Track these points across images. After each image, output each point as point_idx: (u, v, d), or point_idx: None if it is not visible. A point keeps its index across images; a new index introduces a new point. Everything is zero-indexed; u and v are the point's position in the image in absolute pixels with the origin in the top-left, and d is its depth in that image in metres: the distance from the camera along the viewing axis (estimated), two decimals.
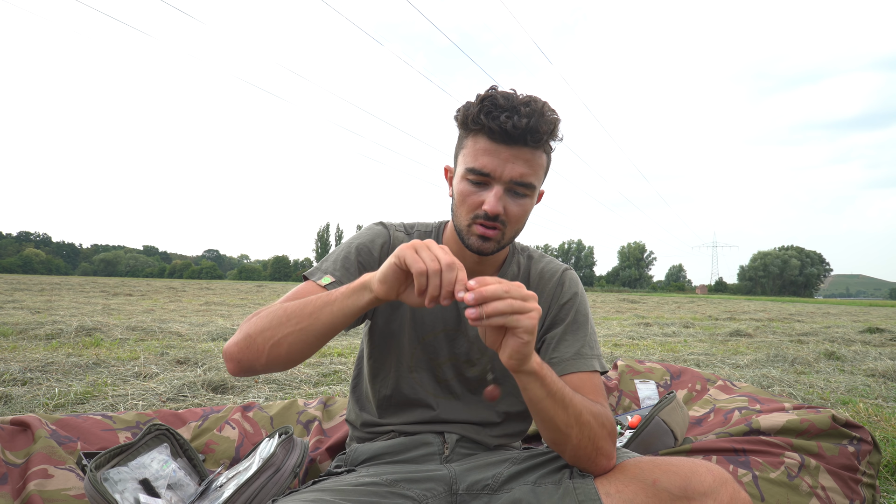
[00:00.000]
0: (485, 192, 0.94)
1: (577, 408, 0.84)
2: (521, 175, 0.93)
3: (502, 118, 0.89)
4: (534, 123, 0.89)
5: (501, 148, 0.91)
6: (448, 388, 1.10)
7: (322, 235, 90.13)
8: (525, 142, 0.91)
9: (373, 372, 1.13)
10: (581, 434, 0.85)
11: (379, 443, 1.08)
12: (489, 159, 0.92)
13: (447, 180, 1.07)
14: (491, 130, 0.90)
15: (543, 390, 0.81)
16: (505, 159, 0.92)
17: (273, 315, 0.87)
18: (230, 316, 7.44)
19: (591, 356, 1.01)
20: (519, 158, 0.92)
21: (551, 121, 0.92)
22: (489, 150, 0.92)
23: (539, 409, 0.84)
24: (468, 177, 0.95)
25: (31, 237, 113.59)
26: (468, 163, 0.94)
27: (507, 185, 0.93)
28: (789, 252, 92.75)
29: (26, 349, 3.82)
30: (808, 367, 4.02)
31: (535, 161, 0.94)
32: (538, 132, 0.90)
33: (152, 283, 28.23)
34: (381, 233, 1.10)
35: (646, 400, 1.94)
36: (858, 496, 1.28)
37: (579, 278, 1.15)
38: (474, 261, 1.06)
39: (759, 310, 14.54)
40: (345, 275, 1.00)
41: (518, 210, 0.96)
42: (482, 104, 0.91)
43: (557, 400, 0.83)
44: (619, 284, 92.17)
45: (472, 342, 1.09)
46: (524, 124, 0.88)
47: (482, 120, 0.90)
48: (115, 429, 1.34)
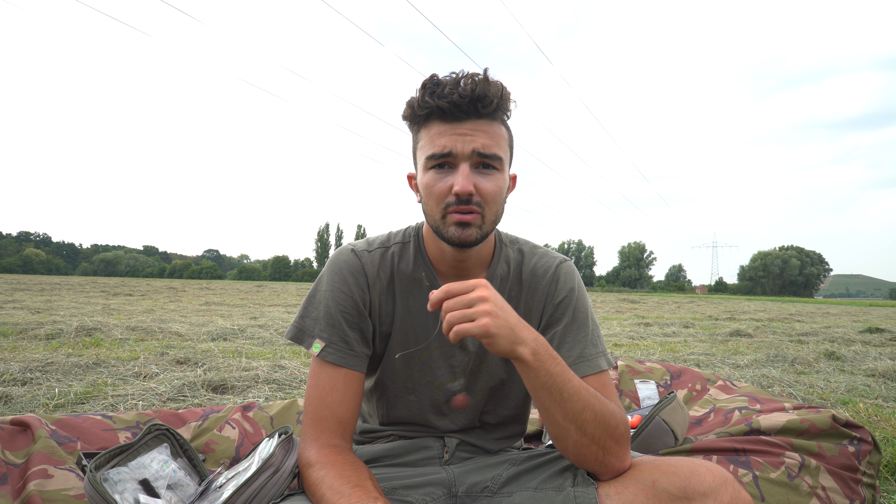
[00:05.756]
0: (451, 176, 0.90)
1: (579, 404, 0.82)
2: (484, 146, 0.89)
3: (446, 91, 0.86)
4: (480, 90, 0.86)
5: (456, 125, 0.88)
6: (448, 407, 1.07)
7: (322, 235, 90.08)
8: (478, 111, 0.88)
9: (368, 393, 1.12)
10: (581, 432, 0.82)
11: (378, 445, 1.08)
12: (447, 139, 0.88)
13: (412, 188, 1.02)
14: (440, 110, 0.88)
15: (537, 381, 0.81)
16: (463, 134, 0.88)
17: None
18: (230, 316, 7.43)
19: (596, 355, 0.98)
20: (477, 130, 0.89)
21: (497, 86, 0.88)
22: (444, 131, 0.89)
23: (535, 400, 0.85)
24: (430, 165, 0.91)
25: (31, 237, 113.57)
26: (426, 151, 0.91)
27: (473, 160, 0.89)
28: (789, 252, 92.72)
29: (26, 349, 3.82)
30: (808, 367, 4.01)
31: (494, 132, 0.90)
32: (487, 97, 0.87)
33: (152, 283, 28.23)
34: (352, 267, 1.02)
35: (646, 400, 1.94)
36: (858, 496, 1.28)
37: (577, 271, 1.09)
38: (458, 259, 1.00)
39: (759, 310, 14.53)
40: (333, 333, 0.97)
41: (491, 186, 0.91)
42: (425, 88, 0.89)
43: (554, 393, 0.81)
44: (619, 284, 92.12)
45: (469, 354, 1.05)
46: (470, 91, 0.86)
47: (428, 102, 0.88)
48: (115, 429, 1.34)
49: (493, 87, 0.88)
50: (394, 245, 1.07)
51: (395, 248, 1.06)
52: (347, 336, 0.98)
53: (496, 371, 1.06)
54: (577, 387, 0.83)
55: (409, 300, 1.04)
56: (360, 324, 1.00)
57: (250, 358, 3.77)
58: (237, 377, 2.98)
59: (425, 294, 1.04)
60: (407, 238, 1.08)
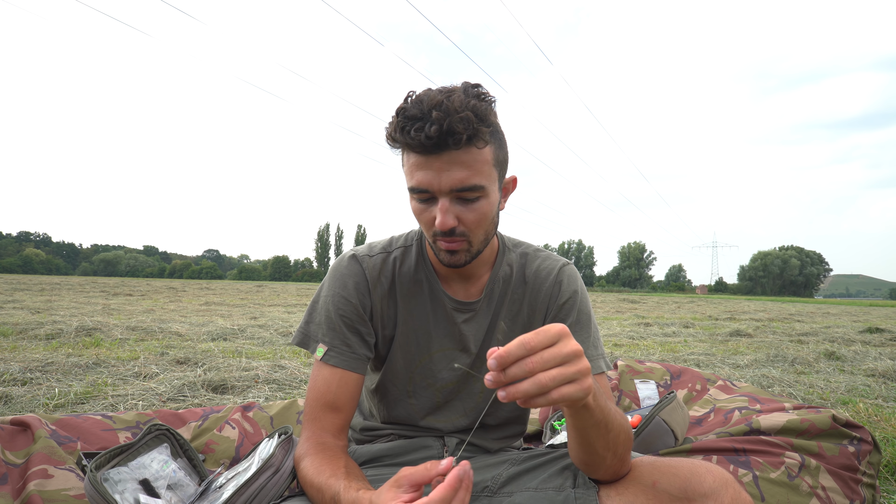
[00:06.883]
0: (433, 207, 0.89)
1: (616, 430, 0.78)
2: (461, 181, 0.85)
3: (413, 133, 0.82)
4: (448, 126, 0.80)
5: (431, 159, 0.85)
6: (448, 410, 1.08)
7: (322, 235, 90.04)
8: (448, 146, 0.83)
9: (370, 393, 1.13)
10: (615, 455, 0.81)
11: (378, 445, 1.08)
12: (423, 174, 0.86)
13: None
14: (410, 146, 0.85)
15: (591, 420, 0.74)
16: (438, 169, 0.85)
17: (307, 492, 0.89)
18: (230, 316, 7.43)
19: (597, 357, 0.99)
20: (453, 164, 0.84)
21: (465, 116, 0.81)
22: (420, 164, 0.86)
23: (582, 437, 0.78)
24: (413, 196, 0.91)
25: (31, 237, 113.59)
26: (408, 182, 0.90)
27: (450, 195, 0.87)
28: (789, 252, 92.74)
29: (26, 349, 3.82)
30: (808, 367, 4.01)
31: (471, 160, 0.85)
32: (455, 133, 0.81)
33: (152, 283, 28.23)
34: (353, 272, 1.03)
35: (646, 400, 1.94)
36: (858, 496, 1.28)
37: (579, 274, 1.10)
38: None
39: (759, 310, 14.53)
40: (335, 337, 0.99)
41: (474, 216, 0.89)
42: (397, 119, 0.85)
43: (601, 426, 0.75)
44: (619, 284, 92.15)
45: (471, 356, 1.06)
46: (435, 132, 0.80)
47: (399, 138, 0.85)
48: (115, 429, 1.34)
49: (460, 121, 0.81)
50: (396, 249, 1.07)
51: (398, 253, 1.07)
52: (349, 340, 1.00)
53: None
54: (615, 414, 0.79)
55: (411, 303, 1.05)
56: (360, 328, 1.02)
57: (250, 358, 3.77)
58: (237, 377, 2.98)
59: (426, 297, 1.04)
60: (409, 242, 1.08)
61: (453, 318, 1.04)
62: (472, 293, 1.05)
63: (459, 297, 1.05)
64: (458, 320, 1.04)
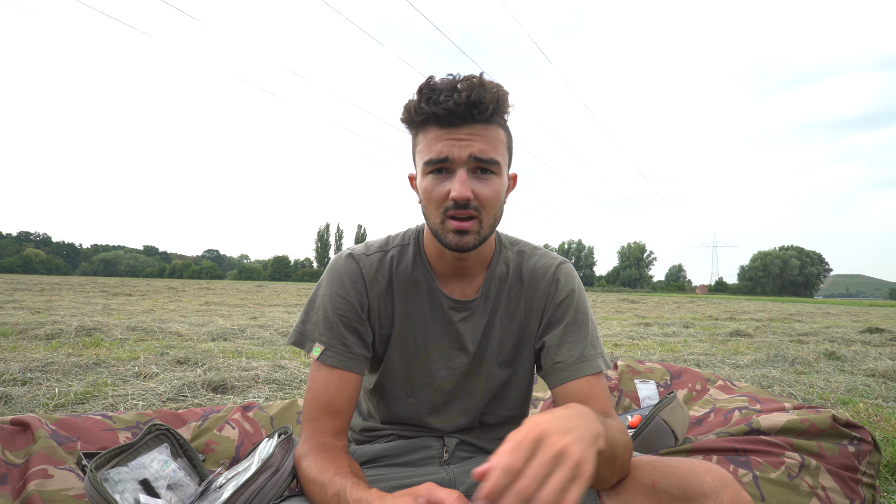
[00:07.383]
0: (449, 181, 0.90)
1: (621, 453, 0.78)
2: (481, 151, 0.88)
3: (442, 98, 0.86)
4: (476, 96, 0.85)
5: (452, 130, 0.88)
6: (447, 409, 1.08)
7: (322, 235, 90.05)
8: (473, 117, 0.87)
9: (369, 393, 1.13)
10: (621, 472, 0.82)
11: (378, 445, 1.08)
12: (443, 144, 0.88)
13: (413, 188, 1.01)
14: (437, 116, 0.87)
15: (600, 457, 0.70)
16: (459, 140, 0.88)
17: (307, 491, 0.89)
18: (230, 316, 7.44)
19: (596, 356, 0.99)
20: (474, 135, 0.88)
21: (493, 90, 0.87)
22: (441, 136, 0.89)
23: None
24: (428, 170, 0.91)
25: (31, 237, 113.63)
26: (424, 157, 0.91)
27: (469, 165, 0.89)
28: (789, 252, 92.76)
29: (26, 349, 3.82)
30: (808, 367, 4.01)
31: (491, 136, 0.90)
32: (482, 103, 0.86)
33: (152, 283, 28.24)
34: (350, 271, 1.03)
35: (646, 400, 1.94)
36: (858, 496, 1.28)
37: (576, 272, 1.09)
38: (457, 260, 1.00)
39: (759, 310, 14.53)
40: (332, 337, 0.99)
41: (489, 191, 0.91)
42: (421, 93, 0.88)
43: (609, 461, 0.75)
44: (619, 284, 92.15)
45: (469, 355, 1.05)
46: (465, 98, 0.85)
47: (424, 108, 0.87)
48: (115, 429, 1.34)
49: (489, 91, 0.87)
50: (392, 248, 1.07)
51: (394, 252, 1.06)
52: (346, 339, 1.00)
53: (496, 373, 1.07)
54: (618, 435, 0.78)
55: (408, 302, 1.04)
56: (357, 327, 1.01)
57: (250, 358, 3.77)
58: (237, 377, 2.98)
59: (424, 296, 1.04)
60: (406, 240, 1.08)
61: (450, 316, 1.04)
62: (469, 292, 1.05)
63: (456, 295, 1.04)
64: (454, 319, 1.04)
